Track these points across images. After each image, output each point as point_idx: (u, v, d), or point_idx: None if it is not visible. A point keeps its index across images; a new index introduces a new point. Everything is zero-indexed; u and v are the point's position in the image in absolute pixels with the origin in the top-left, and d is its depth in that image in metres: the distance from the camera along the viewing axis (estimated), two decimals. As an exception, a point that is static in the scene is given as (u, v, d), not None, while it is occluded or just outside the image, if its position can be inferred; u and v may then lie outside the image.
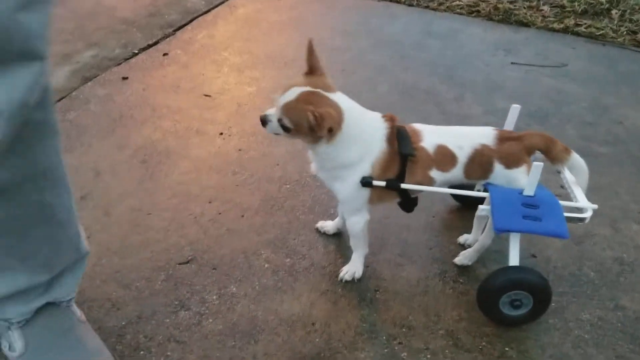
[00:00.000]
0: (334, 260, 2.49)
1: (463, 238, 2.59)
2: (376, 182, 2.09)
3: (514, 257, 2.08)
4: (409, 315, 2.25)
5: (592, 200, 2.13)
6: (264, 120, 2.10)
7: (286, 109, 1.97)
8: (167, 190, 2.84)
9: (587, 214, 2.09)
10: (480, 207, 2.15)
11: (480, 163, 2.12)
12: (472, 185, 2.35)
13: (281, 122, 2.01)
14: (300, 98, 1.97)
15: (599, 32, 4.81)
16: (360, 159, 2.09)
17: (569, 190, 2.20)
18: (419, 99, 3.72)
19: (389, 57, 4.25)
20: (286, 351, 2.09)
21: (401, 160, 2.09)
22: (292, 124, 1.98)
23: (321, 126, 1.89)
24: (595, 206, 2.08)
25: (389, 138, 2.09)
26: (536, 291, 2.07)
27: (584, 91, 3.90)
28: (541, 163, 1.95)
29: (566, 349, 2.13)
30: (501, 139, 2.13)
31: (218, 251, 2.50)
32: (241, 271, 2.41)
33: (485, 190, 2.22)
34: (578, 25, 4.91)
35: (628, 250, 2.58)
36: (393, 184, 2.10)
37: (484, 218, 2.47)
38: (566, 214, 2.05)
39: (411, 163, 2.09)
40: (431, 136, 2.14)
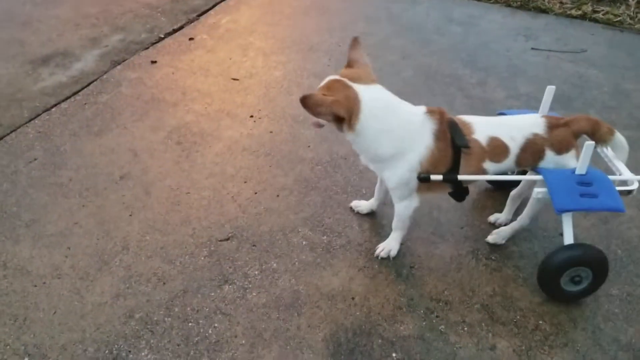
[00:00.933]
0: (369, 238, 2.57)
1: (494, 217, 2.67)
2: (434, 177, 2.12)
3: (569, 236, 2.14)
4: (445, 290, 2.34)
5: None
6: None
7: (318, 94, 2.03)
8: (204, 170, 2.91)
9: (635, 186, 2.15)
10: (536, 190, 2.20)
11: (532, 152, 2.17)
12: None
13: None
14: (324, 85, 2.05)
15: (617, 19, 4.85)
16: (400, 154, 2.11)
17: (611, 164, 2.26)
18: (443, 84, 3.78)
19: (412, 43, 4.31)
20: (329, 323, 2.18)
21: (455, 152, 2.12)
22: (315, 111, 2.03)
23: (323, 111, 1.97)
24: (639, 177, 2.15)
25: (438, 133, 2.11)
26: (596, 265, 2.14)
27: (605, 76, 3.95)
28: (592, 142, 2.02)
29: (597, 322, 2.22)
30: (551, 127, 2.17)
31: (257, 229, 2.58)
32: (280, 248, 2.49)
33: (526, 172, 2.28)
34: (596, 12, 4.95)
35: (654, 230, 2.66)
36: (450, 177, 2.14)
37: (519, 198, 2.55)
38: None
39: (465, 155, 2.13)
40: (483, 128, 2.17)
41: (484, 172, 2.18)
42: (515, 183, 2.56)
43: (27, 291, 2.27)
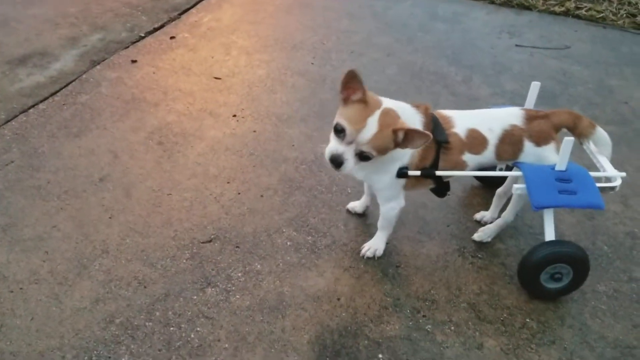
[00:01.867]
0: (355, 237, 2.53)
1: (480, 215, 2.65)
2: (411, 172, 2.12)
3: (550, 232, 2.13)
4: (431, 289, 2.31)
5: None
6: (338, 161, 1.99)
7: (373, 140, 1.93)
8: (186, 170, 2.86)
9: (617, 182, 2.14)
10: (514, 186, 2.19)
11: (510, 143, 2.16)
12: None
13: (364, 154, 1.96)
14: (380, 124, 1.93)
15: (599, 15, 4.87)
16: (403, 152, 2.10)
17: (595, 160, 2.24)
18: (428, 81, 3.76)
19: (396, 40, 4.28)
20: (314, 325, 2.14)
21: (436, 147, 2.12)
22: (377, 151, 1.96)
23: (411, 143, 1.93)
24: (623, 174, 2.13)
25: (426, 128, 2.09)
26: (575, 263, 2.12)
27: (589, 72, 3.96)
28: (572, 138, 2.00)
29: (584, 319, 2.20)
30: (529, 118, 2.17)
31: (240, 230, 2.54)
32: (264, 249, 2.45)
33: (511, 169, 2.26)
34: (578, 8, 4.97)
35: (639, 224, 2.65)
36: (428, 172, 2.13)
37: (505, 195, 2.53)
38: (598, 185, 2.10)
39: (445, 149, 2.12)
40: (462, 121, 2.17)
41: (464, 164, 2.18)
42: (501, 181, 2.54)
43: (4, 297, 2.20)
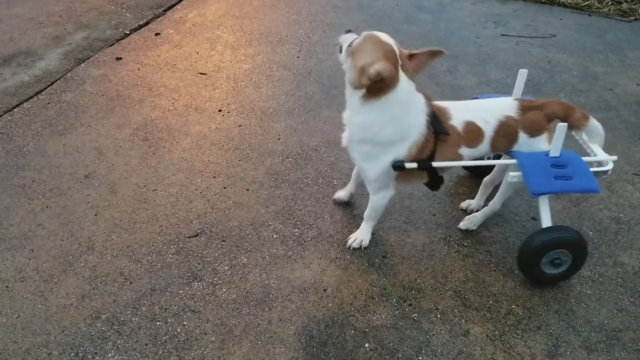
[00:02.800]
0: (341, 229, 2.54)
1: (465, 204, 2.65)
2: (408, 165, 2.09)
3: (547, 219, 2.13)
4: (417, 278, 2.32)
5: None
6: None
7: (363, 41, 1.98)
8: (171, 166, 2.85)
9: (609, 166, 2.15)
10: (510, 174, 2.18)
11: (505, 134, 2.15)
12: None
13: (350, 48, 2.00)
14: (380, 47, 1.94)
15: (585, 3, 4.89)
16: (398, 140, 2.07)
17: (586, 146, 2.25)
18: (414, 72, 3.75)
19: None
20: (301, 316, 2.14)
21: (434, 139, 2.09)
22: (354, 54, 1.97)
23: (376, 68, 1.87)
24: (614, 157, 2.14)
25: (428, 119, 2.08)
26: (575, 248, 2.13)
27: (574, 60, 3.97)
28: (565, 124, 2.01)
29: (570, 305, 2.21)
30: (523, 109, 2.16)
31: (226, 224, 2.53)
32: (250, 242, 2.45)
33: (500, 157, 2.26)
34: (565, -4, 4.98)
35: (624, 210, 2.67)
36: (425, 165, 2.11)
37: (492, 184, 2.54)
38: (590, 169, 2.11)
39: (441, 142, 2.10)
40: (458, 113, 2.15)
41: (460, 158, 2.17)
42: (489, 169, 2.55)
43: (-12, 296, 2.19)
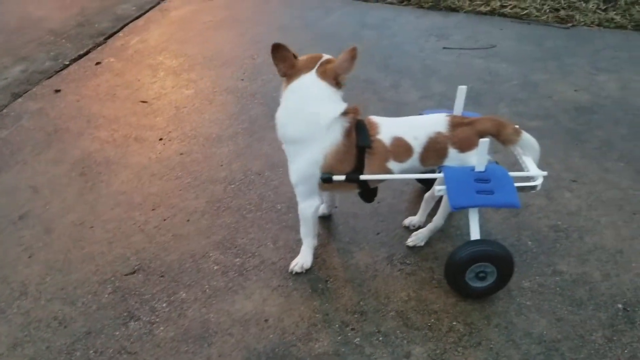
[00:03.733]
0: (284, 255, 2.51)
1: (408, 220, 2.66)
2: (336, 177, 2.15)
3: (475, 232, 2.16)
4: (360, 300, 2.30)
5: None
6: None
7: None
8: (109, 201, 2.78)
9: (538, 182, 2.19)
10: (436, 188, 2.23)
11: (435, 150, 2.18)
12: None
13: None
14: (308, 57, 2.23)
15: (524, 12, 4.99)
16: (308, 140, 2.13)
17: (520, 161, 2.29)
18: (358, 89, 3.77)
19: (328, 50, 4.19)
20: (241, 350, 2.10)
21: (358, 152, 2.14)
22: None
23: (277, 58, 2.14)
24: (544, 173, 2.18)
25: (348, 131, 2.14)
26: (499, 262, 2.16)
27: (514, 70, 4.05)
28: (487, 139, 2.04)
29: (510, 317, 2.23)
30: (454, 125, 2.19)
31: (165, 258, 2.48)
32: (190, 276, 2.40)
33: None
34: (504, 6, 5.08)
35: (562, 217, 2.71)
36: (353, 177, 2.16)
37: (433, 199, 2.55)
38: (518, 184, 2.14)
39: (369, 155, 2.15)
40: (388, 128, 2.20)
41: (389, 171, 2.20)
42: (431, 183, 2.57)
43: None
